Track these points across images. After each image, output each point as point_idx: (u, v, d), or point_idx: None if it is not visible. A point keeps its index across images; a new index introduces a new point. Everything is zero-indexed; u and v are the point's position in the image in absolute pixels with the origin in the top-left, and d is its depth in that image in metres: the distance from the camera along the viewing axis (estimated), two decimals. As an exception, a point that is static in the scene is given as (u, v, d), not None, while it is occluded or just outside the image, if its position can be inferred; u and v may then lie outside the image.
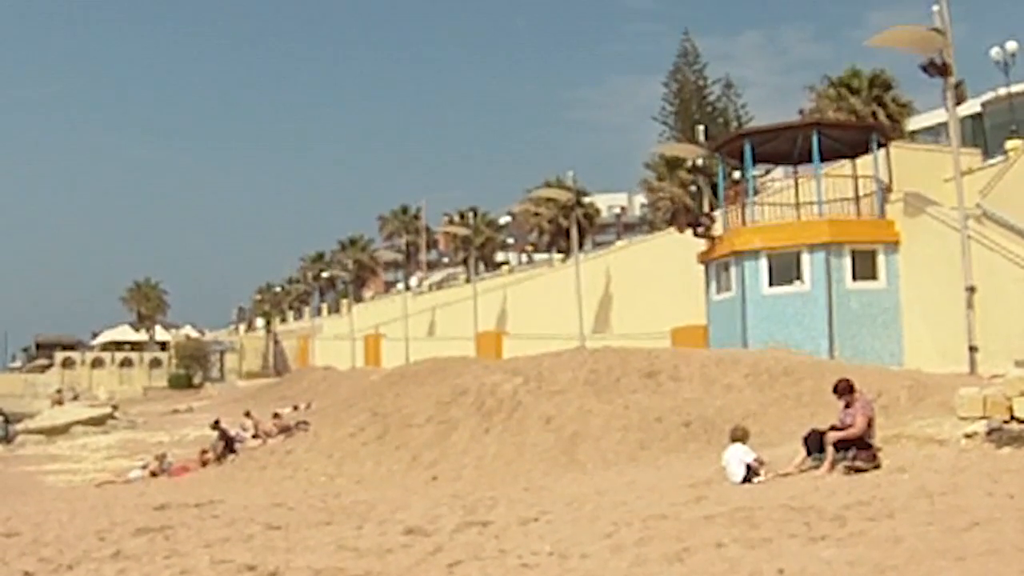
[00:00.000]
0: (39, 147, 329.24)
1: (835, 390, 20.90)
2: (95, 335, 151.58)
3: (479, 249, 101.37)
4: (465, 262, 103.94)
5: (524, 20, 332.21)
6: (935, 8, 37.11)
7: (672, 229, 56.57)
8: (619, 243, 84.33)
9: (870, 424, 20.13)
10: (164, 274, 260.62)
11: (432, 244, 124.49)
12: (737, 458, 20.51)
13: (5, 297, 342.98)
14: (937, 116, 57.64)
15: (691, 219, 51.81)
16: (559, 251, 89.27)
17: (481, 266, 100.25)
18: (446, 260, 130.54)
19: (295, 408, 59.30)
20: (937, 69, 36.49)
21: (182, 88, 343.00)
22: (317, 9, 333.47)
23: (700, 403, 29.90)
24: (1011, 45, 59.43)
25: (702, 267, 48.35)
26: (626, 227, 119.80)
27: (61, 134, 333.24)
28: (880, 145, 46.00)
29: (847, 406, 20.44)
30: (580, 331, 59.51)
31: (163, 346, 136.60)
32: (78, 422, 69.87)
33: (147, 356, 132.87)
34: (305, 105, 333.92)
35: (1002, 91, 60.24)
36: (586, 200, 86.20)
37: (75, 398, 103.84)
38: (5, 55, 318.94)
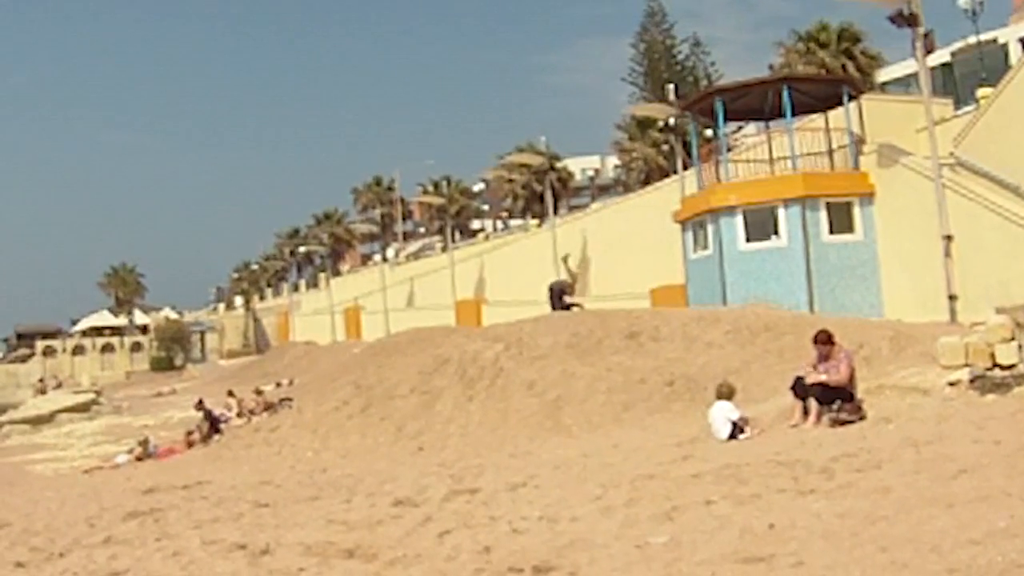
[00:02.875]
0: (8, 135, 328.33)
1: (815, 341, 20.99)
2: (74, 322, 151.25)
3: (454, 217, 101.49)
4: (441, 231, 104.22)
5: None
6: None
7: (648, 189, 56.52)
8: (594, 205, 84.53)
9: (849, 371, 20.22)
10: (140, 257, 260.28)
11: (407, 214, 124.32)
12: (723, 415, 20.56)
13: None
14: (907, 67, 57.86)
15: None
16: (534, 216, 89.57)
17: (457, 234, 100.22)
18: (422, 230, 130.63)
19: (278, 385, 59.37)
20: (905, 19, 36.24)
21: (148, 69, 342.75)
22: None
23: (682, 362, 29.94)
24: (980, -7, 59.46)
25: (678, 226, 48.27)
26: (600, 189, 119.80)
27: (30, 122, 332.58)
28: (851, 98, 45.68)
29: (825, 358, 20.52)
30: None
31: (143, 329, 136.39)
32: (62, 410, 69.96)
33: (128, 340, 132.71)
34: (273, 80, 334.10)
35: (971, 39, 60.41)
36: (559, 164, 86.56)
37: (58, 386, 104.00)
38: None
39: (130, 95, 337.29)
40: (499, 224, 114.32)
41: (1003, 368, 19.60)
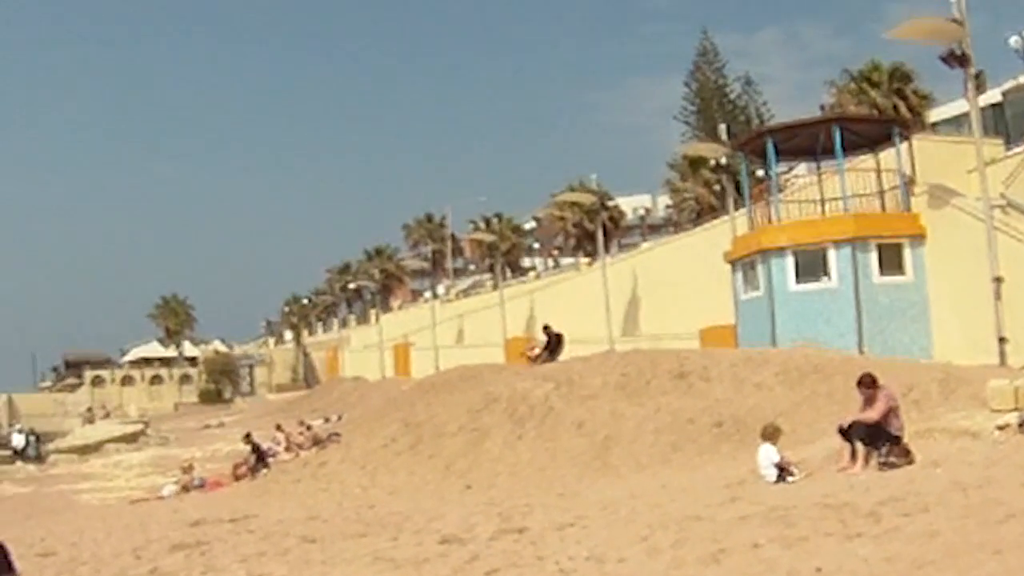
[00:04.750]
0: (64, 166, 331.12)
1: (858, 383, 20.95)
2: (124, 352, 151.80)
3: (505, 255, 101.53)
4: (492, 268, 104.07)
5: (540, 24, 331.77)
6: None
7: (699, 229, 56.53)
8: (645, 245, 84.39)
9: (894, 415, 20.13)
10: (191, 289, 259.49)
11: (458, 251, 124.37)
12: (767, 458, 20.55)
13: (33, 316, 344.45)
14: (958, 107, 57.50)
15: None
16: (585, 254, 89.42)
17: (508, 272, 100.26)
18: (473, 267, 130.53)
19: (326, 420, 59.45)
20: (956, 60, 36.24)
21: (205, 102, 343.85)
22: (337, 18, 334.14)
23: (731, 403, 29.84)
24: (1030, 33, 59.28)
25: (729, 266, 48.25)
26: (651, 228, 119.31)
27: (85, 152, 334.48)
28: (902, 138, 45.86)
29: (870, 401, 20.46)
30: (609, 334, 59.40)
31: (192, 361, 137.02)
32: (110, 440, 70.31)
33: (177, 372, 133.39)
34: (326, 115, 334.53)
35: (1022, 79, 60.16)
36: (610, 203, 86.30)
37: (106, 416, 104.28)
38: (28, 74, 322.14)
39: (183, 127, 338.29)
40: (550, 262, 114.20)
41: (1052, 412, 19.52)
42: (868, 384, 20.67)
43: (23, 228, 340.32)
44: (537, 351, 44.05)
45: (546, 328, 47.40)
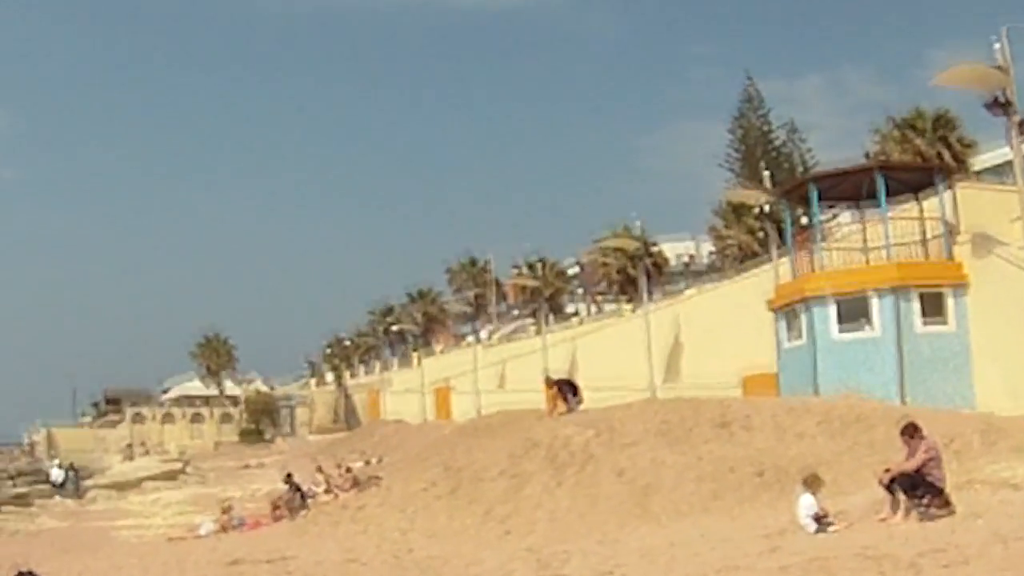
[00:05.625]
0: (108, 202, 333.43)
1: (902, 432, 20.91)
2: (165, 389, 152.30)
3: (548, 300, 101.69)
4: (534, 313, 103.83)
5: (586, 69, 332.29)
6: (996, 45, 37.00)
7: (742, 276, 56.48)
8: (688, 291, 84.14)
9: (935, 465, 20.08)
10: (233, 327, 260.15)
11: (501, 295, 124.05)
12: (805, 508, 20.53)
13: (74, 351, 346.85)
14: (1002, 154, 57.22)
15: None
16: (628, 300, 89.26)
17: (550, 317, 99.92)
18: (515, 311, 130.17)
19: (367, 463, 59.52)
20: (1000, 107, 36.28)
21: (250, 141, 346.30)
22: (387, 63, 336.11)
23: (773, 452, 29.83)
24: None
25: (772, 314, 48.24)
26: (694, 274, 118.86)
27: (131, 189, 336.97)
28: (946, 185, 45.83)
29: (912, 450, 20.42)
30: (651, 381, 59.33)
31: (233, 400, 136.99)
32: (149, 477, 71.09)
33: (217, 410, 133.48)
34: (370, 157, 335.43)
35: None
36: (654, 248, 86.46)
37: (146, 453, 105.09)
38: (76, 108, 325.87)
39: (229, 165, 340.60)
40: (593, 307, 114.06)
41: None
42: (911, 433, 20.64)
43: (67, 263, 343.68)
44: (559, 407, 43.41)
45: (549, 381, 46.75)
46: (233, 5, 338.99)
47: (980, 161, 62.46)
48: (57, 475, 68.56)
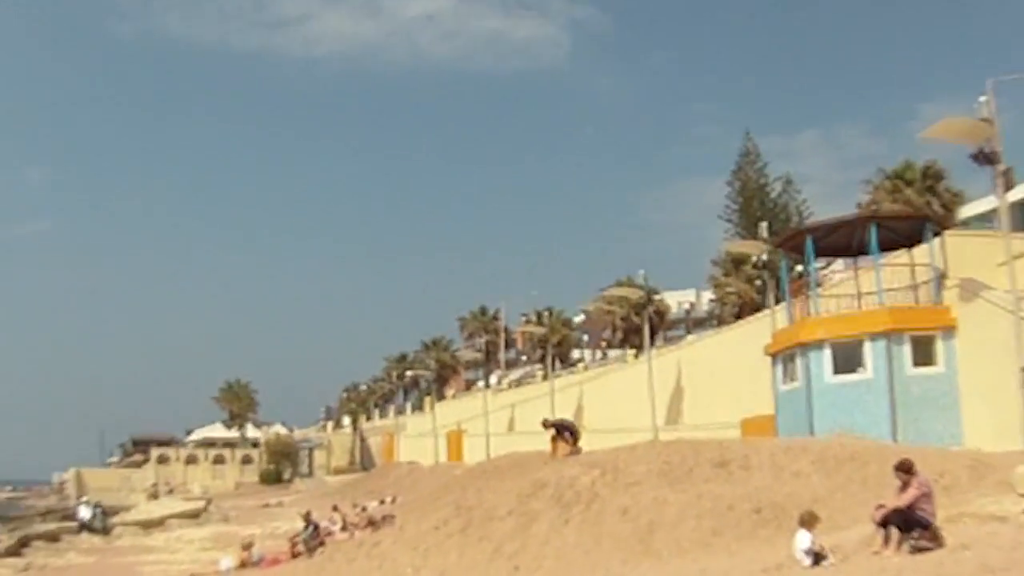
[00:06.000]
0: (138, 256, 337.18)
1: (896, 468, 20.89)
2: (189, 432, 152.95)
3: (555, 347, 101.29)
4: (542, 360, 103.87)
5: (593, 129, 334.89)
6: (982, 99, 37.22)
7: (741, 323, 56.56)
8: (689, 338, 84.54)
9: (926, 500, 20.06)
10: (254, 373, 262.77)
11: (510, 343, 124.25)
12: (803, 544, 20.52)
13: (103, 396, 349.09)
14: (988, 203, 57.48)
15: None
16: (632, 347, 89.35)
17: (557, 363, 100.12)
18: (524, 358, 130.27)
19: (381, 502, 59.36)
20: (986, 158, 36.47)
21: (273, 196, 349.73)
22: (400, 125, 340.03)
23: (770, 490, 29.80)
24: (1057, 129, 59.66)
25: (769, 359, 48.30)
26: (695, 322, 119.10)
27: (159, 244, 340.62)
28: (935, 234, 46.17)
29: (905, 486, 20.41)
30: (653, 424, 59.20)
31: (254, 443, 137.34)
32: (173, 515, 71.29)
33: (239, 453, 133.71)
34: (388, 212, 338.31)
35: (1050, 174, 60.34)
36: (656, 298, 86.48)
37: (170, 492, 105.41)
38: (103, 171, 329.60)
39: (256, 220, 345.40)
40: (598, 354, 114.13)
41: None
42: (905, 470, 20.62)
43: (98, 312, 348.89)
44: (561, 448, 43.59)
45: (546, 423, 46.82)
46: (262, 74, 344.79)
47: (967, 210, 62.57)
48: (85, 513, 68.94)
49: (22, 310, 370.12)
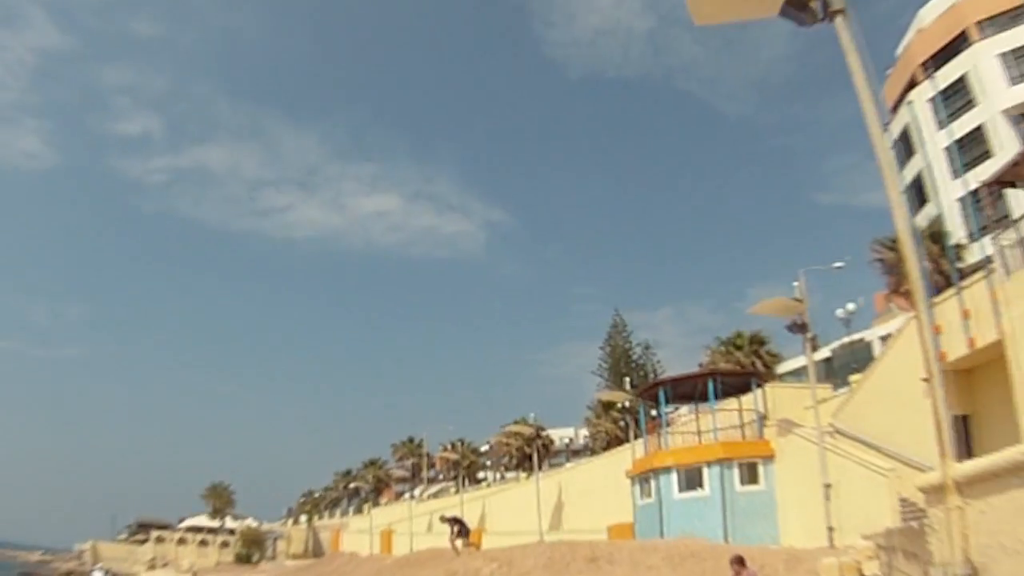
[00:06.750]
0: (149, 377, 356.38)
1: (731, 561, 20.64)
2: (181, 520, 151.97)
3: (465, 469, 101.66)
4: (456, 478, 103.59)
5: (501, 303, 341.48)
6: (795, 284, 38.43)
7: (608, 453, 56.15)
8: (568, 464, 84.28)
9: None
10: (233, 475, 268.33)
11: (431, 465, 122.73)
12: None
13: (117, 484, 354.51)
14: (799, 361, 58.29)
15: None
16: (524, 470, 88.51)
17: (467, 481, 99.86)
18: (441, 476, 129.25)
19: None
20: (798, 327, 37.68)
21: (255, 339, 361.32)
22: (356, 291, 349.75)
23: (629, 579, 29.33)
24: (850, 306, 60.93)
25: (630, 480, 47.90)
26: (573, 452, 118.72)
27: (164, 369, 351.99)
28: (758, 385, 46.59)
29: (737, 574, 20.04)
30: (540, 528, 58.59)
31: (231, 531, 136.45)
32: (166, 583, 71.14)
33: (219, 538, 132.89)
34: (343, 358, 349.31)
35: (845, 340, 61.06)
36: (544, 433, 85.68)
37: (165, 566, 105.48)
38: (122, 310, 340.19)
39: (239, 358, 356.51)
40: (499, 475, 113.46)
41: (868, 577, 19.62)
42: (738, 562, 20.46)
43: (116, 419, 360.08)
44: (456, 541, 44.27)
45: (444, 518, 47.70)
46: (252, 248, 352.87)
47: (783, 367, 63.05)
48: (98, 575, 69.37)
49: (58, 415, 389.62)
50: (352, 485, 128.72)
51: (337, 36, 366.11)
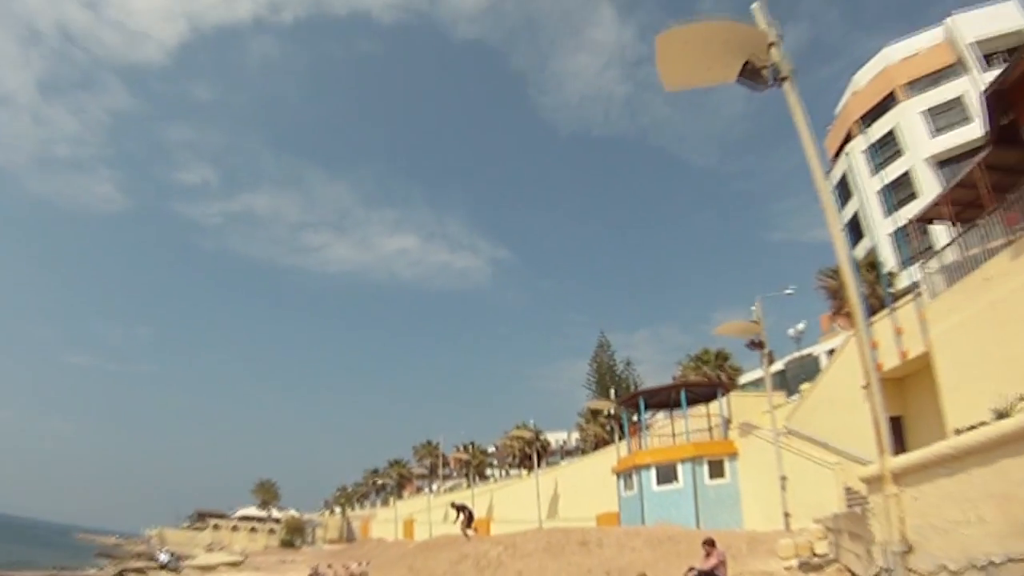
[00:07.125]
0: (210, 388, 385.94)
1: (703, 543, 20.55)
2: (233, 510, 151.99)
3: (475, 468, 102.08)
4: (467, 476, 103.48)
5: (504, 326, 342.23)
6: (753, 308, 38.41)
7: (596, 453, 55.95)
8: (563, 463, 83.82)
9: (723, 566, 19.59)
10: (279, 473, 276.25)
11: (446, 464, 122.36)
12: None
13: (178, 482, 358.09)
14: (757, 374, 58.13)
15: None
16: (525, 468, 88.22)
17: (477, 478, 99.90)
18: (455, 474, 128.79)
19: (359, 564, 57.70)
20: (756, 345, 37.85)
21: (298, 357, 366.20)
22: (382, 318, 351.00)
23: (616, 560, 29.29)
24: (800, 326, 60.82)
25: (615, 476, 47.72)
26: (567, 452, 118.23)
27: (222, 382, 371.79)
28: (723, 394, 46.69)
29: (708, 555, 19.95)
30: (539, 517, 58.48)
31: (277, 520, 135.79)
32: (222, 563, 72.89)
33: (267, 526, 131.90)
34: (372, 374, 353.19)
35: (796, 355, 60.93)
36: (542, 436, 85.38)
37: (220, 549, 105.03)
38: (187, 331, 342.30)
39: (286, 373, 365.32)
40: (504, 473, 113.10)
41: (819, 556, 19.74)
42: (709, 543, 20.37)
43: (182, 425, 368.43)
44: (462, 525, 44.67)
45: (453, 504, 48.01)
46: (293, 280, 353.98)
47: (744, 378, 62.80)
48: (164, 557, 72.02)
49: (130, 421, 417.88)
50: (379, 481, 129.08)
51: (365, 100, 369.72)
